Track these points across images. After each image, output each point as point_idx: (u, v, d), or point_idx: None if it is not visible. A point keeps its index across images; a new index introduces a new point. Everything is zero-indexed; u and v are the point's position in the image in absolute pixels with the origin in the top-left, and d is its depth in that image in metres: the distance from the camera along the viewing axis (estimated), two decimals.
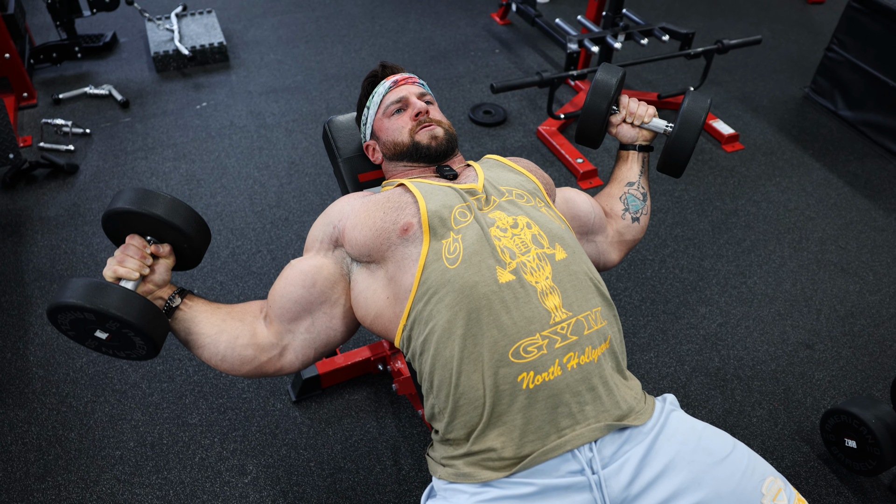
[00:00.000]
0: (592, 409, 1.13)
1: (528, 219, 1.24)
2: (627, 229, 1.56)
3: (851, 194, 2.95)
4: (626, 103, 1.58)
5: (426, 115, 1.42)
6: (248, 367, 1.26)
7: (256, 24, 4.01)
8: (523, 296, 1.14)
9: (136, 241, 1.22)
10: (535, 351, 1.11)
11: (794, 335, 2.31)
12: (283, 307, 1.27)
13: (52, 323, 1.15)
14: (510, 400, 1.11)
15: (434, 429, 1.23)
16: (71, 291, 1.11)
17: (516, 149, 3.09)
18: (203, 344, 1.25)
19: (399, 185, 1.33)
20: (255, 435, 1.93)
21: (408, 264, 1.20)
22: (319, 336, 1.29)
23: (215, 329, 1.25)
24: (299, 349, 1.28)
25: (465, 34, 4.00)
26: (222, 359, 1.25)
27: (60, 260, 2.45)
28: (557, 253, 1.21)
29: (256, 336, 1.26)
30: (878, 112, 3.22)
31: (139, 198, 1.19)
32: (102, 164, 2.91)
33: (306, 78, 3.53)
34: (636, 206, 1.56)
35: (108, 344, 1.19)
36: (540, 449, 1.11)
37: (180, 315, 1.25)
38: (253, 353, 1.25)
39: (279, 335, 1.27)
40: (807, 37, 4.18)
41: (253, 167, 2.93)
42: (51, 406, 1.99)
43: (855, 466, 1.85)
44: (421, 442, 1.93)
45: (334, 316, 1.29)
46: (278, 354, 1.27)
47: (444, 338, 1.13)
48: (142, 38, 3.80)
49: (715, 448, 1.14)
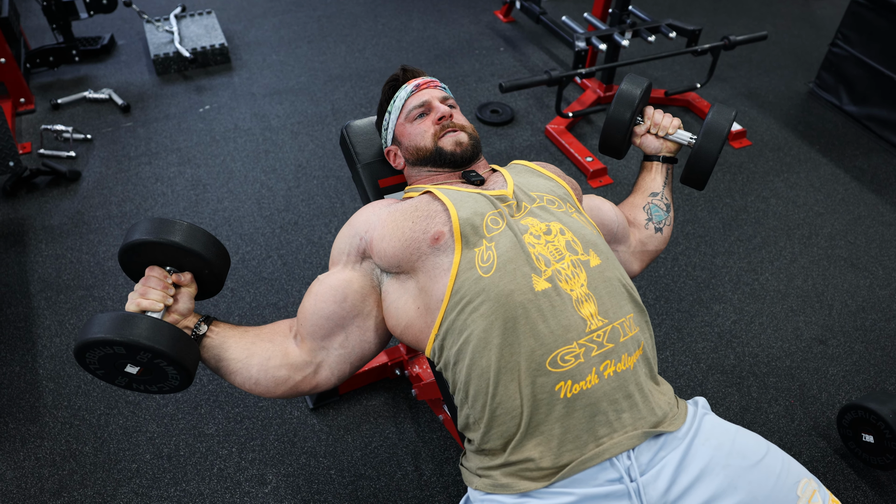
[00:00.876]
0: (629, 417, 1.12)
1: (560, 225, 1.23)
2: (650, 239, 1.55)
3: (859, 189, 2.94)
4: (650, 114, 1.57)
5: (450, 119, 1.40)
6: (283, 387, 1.24)
7: (257, 24, 3.97)
8: (559, 304, 1.12)
9: (156, 272, 1.20)
10: (572, 360, 1.10)
11: (807, 331, 2.30)
12: (315, 324, 1.25)
13: (79, 363, 1.13)
14: (548, 409, 1.10)
15: (468, 438, 1.21)
16: (98, 326, 1.08)
17: (524, 148, 3.08)
18: (235, 369, 1.23)
19: (426, 192, 1.31)
20: (274, 444, 1.91)
21: (439, 274, 1.18)
22: (354, 350, 1.27)
23: (245, 353, 1.23)
24: (334, 365, 1.26)
25: (469, 32, 3.98)
26: (256, 382, 1.23)
27: (66, 269, 2.42)
28: (592, 259, 1.20)
29: (289, 356, 1.24)
30: (882, 107, 3.22)
31: (155, 227, 1.17)
32: (105, 170, 2.88)
33: (310, 79, 3.50)
34: (659, 217, 1.55)
35: (140, 379, 1.16)
36: (578, 458, 1.09)
37: (208, 342, 1.23)
38: (287, 373, 1.23)
39: (312, 353, 1.25)
40: (809, 32, 4.17)
41: (259, 171, 2.90)
42: (63, 420, 1.96)
43: (872, 461, 1.86)
44: (441, 446, 1.91)
45: (367, 328, 1.27)
46: (313, 372, 1.25)
47: (480, 347, 1.12)
48: (140, 41, 3.76)
49: (749, 451, 1.14)
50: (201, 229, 1.21)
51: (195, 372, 1.17)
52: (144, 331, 1.08)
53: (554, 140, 3.09)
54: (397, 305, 1.24)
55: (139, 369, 1.13)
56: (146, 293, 1.17)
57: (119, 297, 2.32)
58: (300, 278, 2.41)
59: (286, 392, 1.25)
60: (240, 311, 2.29)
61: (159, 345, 1.08)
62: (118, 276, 2.39)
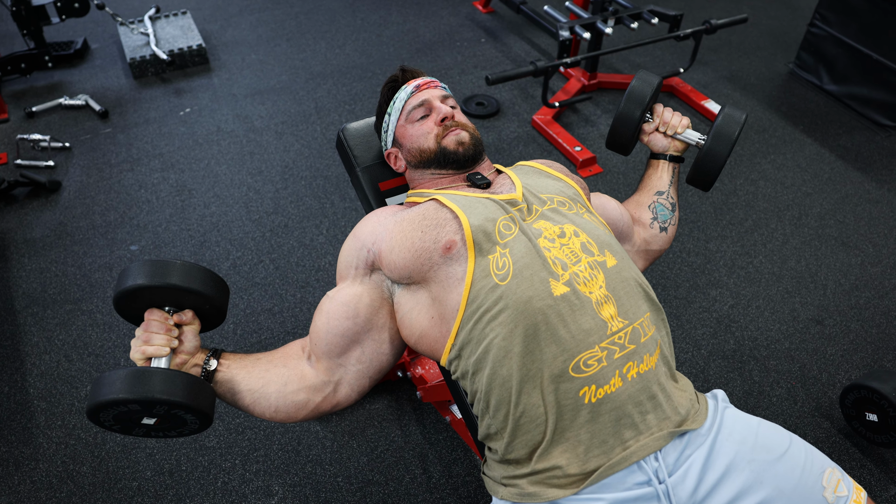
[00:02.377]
0: (654, 418, 1.11)
1: (574, 227, 1.20)
2: (655, 239, 1.53)
3: (844, 168, 2.96)
4: (660, 112, 1.53)
5: (452, 119, 1.37)
6: (304, 411, 1.21)
7: (234, 23, 3.90)
8: (579, 307, 1.10)
9: (156, 315, 1.15)
10: (595, 364, 1.08)
11: (803, 312, 2.32)
12: (330, 343, 1.21)
13: (93, 421, 1.09)
14: (573, 415, 1.08)
15: (489, 448, 1.19)
16: (109, 387, 1.04)
17: (512, 140, 3.06)
18: (252, 400, 1.18)
19: (431, 199, 1.28)
20: (278, 453, 1.88)
21: (452, 284, 1.15)
22: (372, 364, 1.24)
23: (260, 382, 1.18)
24: (353, 381, 1.23)
25: (449, 24, 3.94)
26: (276, 410, 1.19)
27: (52, 283, 2.36)
28: (608, 260, 1.17)
29: (305, 378, 1.20)
30: (862, 85, 3.25)
31: (150, 270, 1.12)
32: (86, 178, 2.81)
33: (291, 77, 3.45)
34: (665, 216, 1.53)
35: (158, 427, 1.13)
36: (606, 463, 1.08)
37: (221, 377, 1.18)
38: (306, 396, 1.20)
39: (329, 371, 1.22)
40: (786, 12, 4.19)
41: (245, 173, 2.85)
42: (58, 440, 1.91)
43: (877, 439, 1.88)
44: (448, 447, 1.89)
45: (382, 341, 1.24)
46: (332, 391, 1.22)
47: (501, 356, 1.09)
48: (115, 44, 3.67)
49: (773, 444, 1.13)
50: (197, 265, 1.16)
51: (214, 413, 1.13)
52: (158, 385, 1.04)
53: (541, 130, 3.07)
54: (410, 316, 1.21)
55: (156, 420, 1.10)
56: (150, 339, 1.12)
57: (108, 310, 2.26)
58: (294, 282, 2.37)
59: (308, 415, 1.21)
60: (234, 318, 2.24)
61: (175, 397, 1.05)
62: (106, 289, 2.34)
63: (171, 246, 2.50)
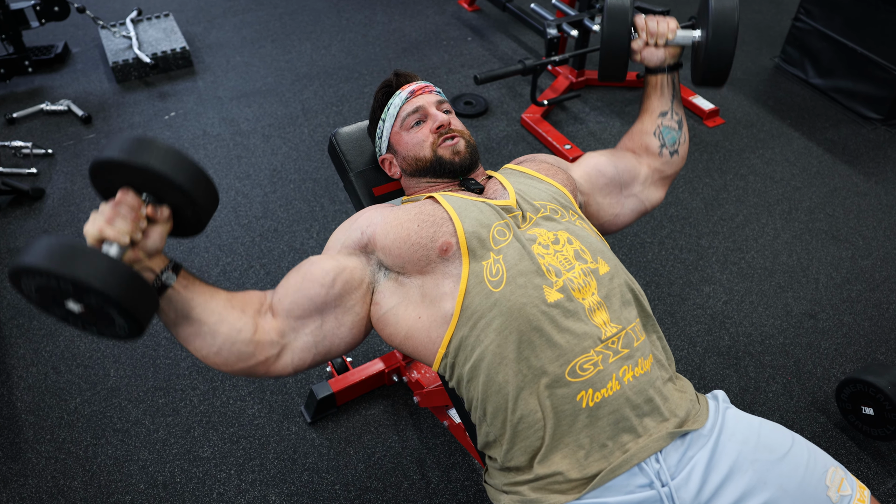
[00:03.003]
0: (651, 421, 1.10)
1: (568, 234, 1.20)
2: (667, 165, 1.47)
3: (832, 161, 2.97)
4: (643, 24, 1.42)
5: (448, 126, 1.35)
6: (243, 364, 1.12)
7: (217, 25, 3.85)
8: (573, 313, 1.10)
9: (130, 197, 1.01)
10: (591, 368, 1.08)
11: (796, 306, 2.32)
12: (296, 302, 1.15)
13: (12, 283, 0.96)
14: (571, 420, 1.07)
15: (489, 456, 1.17)
16: (42, 252, 0.91)
17: (501, 139, 3.04)
18: (197, 333, 1.09)
19: (428, 197, 1.26)
20: (273, 462, 1.85)
21: (446, 287, 1.14)
22: (323, 341, 1.18)
23: (215, 317, 1.09)
24: (297, 351, 1.16)
25: (435, 23, 3.91)
26: (217, 352, 1.10)
27: None
28: (601, 267, 1.18)
29: (258, 331, 1.12)
30: (848, 78, 3.26)
31: (136, 148, 0.98)
32: (70, 185, 2.76)
33: (277, 79, 3.41)
34: (672, 138, 1.46)
35: (81, 317, 0.99)
36: (606, 467, 1.07)
37: (174, 296, 1.06)
38: (252, 350, 1.12)
39: (281, 333, 1.14)
40: (770, 7, 4.21)
41: (233, 177, 2.81)
42: (47, 454, 1.87)
43: (873, 433, 1.88)
44: (446, 452, 1.88)
45: (343, 323, 1.19)
46: (276, 355, 1.14)
47: (496, 363, 1.09)
48: (96, 48, 3.61)
49: (775, 444, 1.12)
50: (190, 160, 1.02)
51: (148, 325, 1.00)
52: (97, 271, 0.91)
53: (530, 129, 3.06)
54: (396, 313, 1.18)
55: (83, 310, 0.96)
56: (113, 220, 0.98)
57: None
58: None
59: (243, 369, 1.13)
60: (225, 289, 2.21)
61: (110, 290, 0.91)
62: None
63: None
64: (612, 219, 1.47)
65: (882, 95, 3.13)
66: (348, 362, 2.02)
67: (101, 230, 0.98)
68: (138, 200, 1.01)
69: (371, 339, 2.17)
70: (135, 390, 2.03)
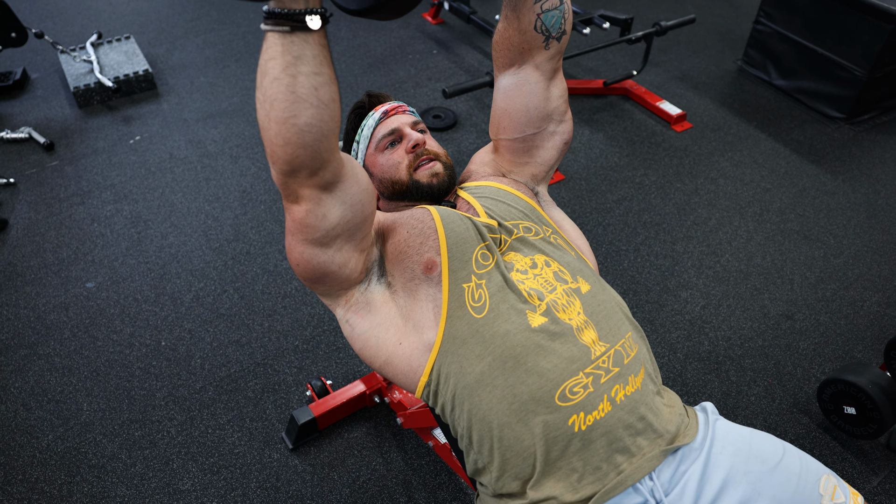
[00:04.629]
0: (644, 440, 1.09)
1: (545, 256, 1.19)
2: (557, 50, 1.26)
3: (799, 161, 3.02)
4: None
5: (423, 146, 1.33)
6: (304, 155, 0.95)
7: (180, 46, 3.80)
8: (560, 335, 1.09)
9: None
10: (581, 391, 1.06)
11: (773, 308, 2.34)
12: (357, 176, 1.05)
13: None
14: (564, 445, 1.06)
15: (481, 483, 1.15)
16: None
17: (472, 150, 3.03)
18: (305, 96, 0.90)
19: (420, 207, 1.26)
20: (256, 492, 1.81)
21: (427, 311, 1.13)
22: (350, 221, 1.07)
23: (329, 95, 0.92)
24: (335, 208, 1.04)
25: (400, 37, 3.90)
26: (306, 123, 0.92)
27: (4, 328, 2.24)
28: (582, 286, 1.17)
29: (336, 151, 0.99)
30: (810, 79, 3.32)
31: None
32: (35, 215, 2.69)
33: (242, 99, 3.37)
34: (557, 21, 1.22)
35: None
36: (601, 489, 1.05)
37: (310, 40, 0.89)
38: (326, 152, 0.97)
39: (341, 174, 1.02)
40: (729, 11, 4.28)
41: (203, 200, 2.76)
42: (20, 496, 1.80)
43: (856, 431, 1.89)
44: (431, 472, 1.85)
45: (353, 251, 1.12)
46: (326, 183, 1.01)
47: (480, 392, 1.07)
48: (56, 73, 3.54)
49: (767, 454, 1.12)
50: None
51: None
52: None
53: None
54: (377, 334, 1.16)
55: None
56: None
57: (66, 353, 2.16)
58: (260, 311, 2.30)
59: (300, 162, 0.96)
60: (201, 352, 2.16)
61: None
62: (63, 330, 2.23)
63: (130, 280, 2.41)
64: (558, 150, 1.37)
65: (844, 94, 3.19)
66: (328, 385, 1.98)
67: None
68: None
69: (351, 361, 2.13)
70: (109, 424, 1.97)
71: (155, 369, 2.12)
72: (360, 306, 1.18)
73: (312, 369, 2.11)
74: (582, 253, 1.31)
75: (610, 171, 2.95)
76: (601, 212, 2.73)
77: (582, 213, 2.72)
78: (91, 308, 2.31)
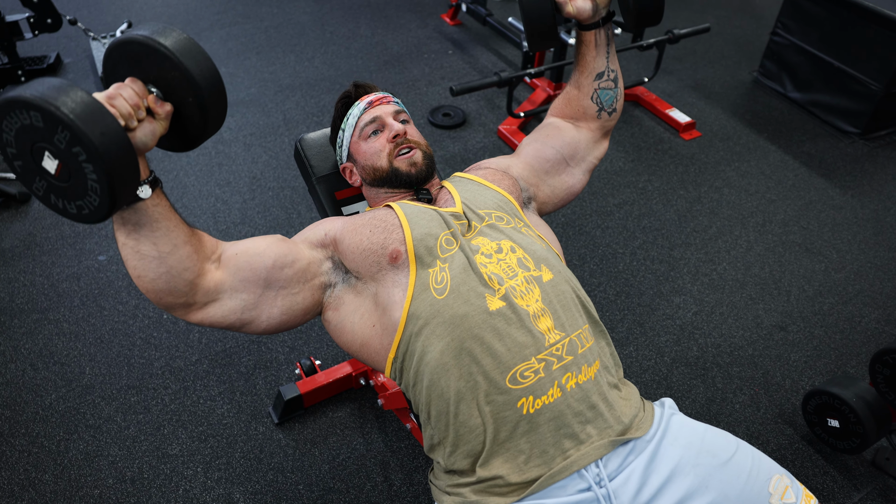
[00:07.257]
0: (594, 428, 1.12)
1: (511, 242, 1.23)
2: (607, 122, 1.49)
3: (808, 174, 3.01)
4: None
5: (403, 136, 1.39)
6: (170, 299, 1.10)
7: (205, 37, 3.91)
8: (515, 321, 1.13)
9: (137, 85, 0.98)
10: (531, 375, 1.10)
11: (767, 318, 2.34)
12: (248, 266, 1.15)
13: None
14: (512, 427, 1.10)
15: (436, 459, 1.21)
16: (36, 86, 0.87)
17: (478, 150, 3.08)
18: (146, 255, 1.05)
19: (385, 205, 1.33)
20: (240, 461, 1.88)
21: (396, 296, 1.18)
22: (252, 311, 1.17)
23: (169, 248, 1.05)
24: (224, 309, 1.15)
25: (417, 37, 3.98)
26: (154, 279, 1.07)
27: (19, 294, 2.35)
28: (544, 275, 1.20)
29: (201, 276, 1.10)
30: (825, 92, 3.31)
31: (160, 31, 0.95)
32: None
33: (260, 90, 3.47)
34: (610, 99, 1.45)
35: (52, 182, 0.93)
36: (546, 473, 1.09)
37: (143, 208, 1.01)
38: (187, 290, 1.09)
39: (220, 287, 1.13)
40: (750, 22, 4.27)
41: (214, 184, 2.86)
42: (21, 448, 1.90)
43: (839, 445, 1.87)
44: (409, 455, 1.90)
45: (278, 305, 1.19)
46: (204, 304, 1.13)
47: (438, 369, 1.12)
48: (87, 58, 3.68)
49: (718, 449, 1.14)
50: (208, 57, 0.98)
51: (120, 202, 0.94)
52: (77, 104, 0.86)
53: (507, 140, 3.10)
54: (353, 320, 1.23)
55: (57, 168, 0.90)
56: (114, 98, 0.95)
57: (74, 319, 2.26)
58: None
59: (165, 303, 1.11)
60: (199, 327, 2.25)
61: (87, 127, 0.85)
62: (73, 299, 2.33)
63: None
64: (568, 191, 1.49)
65: (859, 109, 3.17)
66: (317, 365, 2.05)
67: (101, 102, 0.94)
68: (144, 89, 0.99)
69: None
70: (108, 388, 2.06)
71: (155, 340, 2.21)
72: (334, 304, 1.24)
73: (304, 349, 2.18)
74: (552, 245, 1.36)
75: (614, 175, 2.98)
76: (601, 214, 2.76)
77: (582, 214, 2.75)
78: (101, 279, 2.41)
